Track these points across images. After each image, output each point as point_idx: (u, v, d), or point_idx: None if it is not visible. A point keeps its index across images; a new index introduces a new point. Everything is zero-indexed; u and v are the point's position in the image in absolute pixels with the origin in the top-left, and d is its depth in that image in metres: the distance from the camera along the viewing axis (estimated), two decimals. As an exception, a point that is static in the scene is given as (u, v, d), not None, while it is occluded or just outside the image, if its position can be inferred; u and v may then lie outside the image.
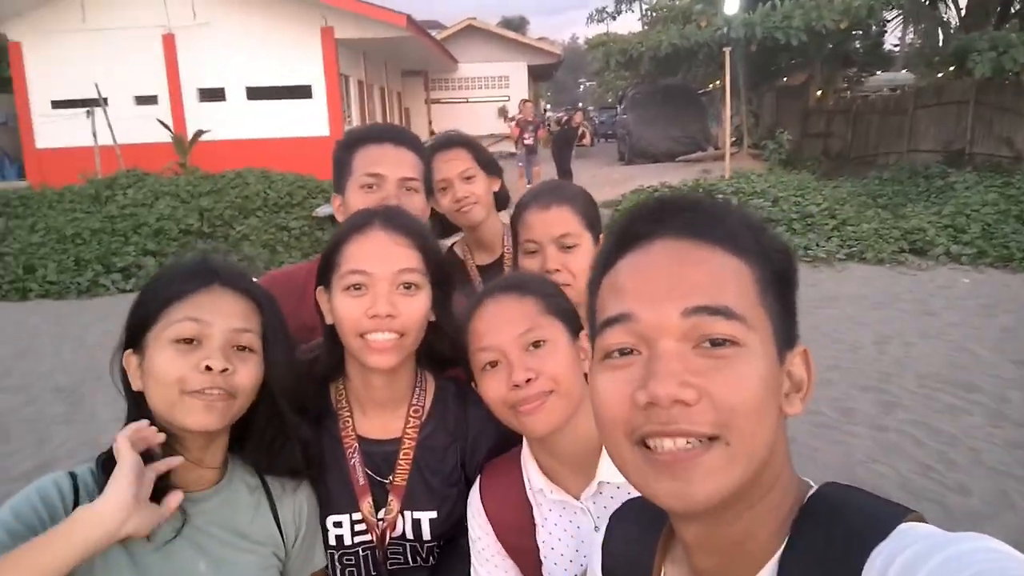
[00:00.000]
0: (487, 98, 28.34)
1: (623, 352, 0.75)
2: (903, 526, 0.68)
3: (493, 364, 1.32)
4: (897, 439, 4.78)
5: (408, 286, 1.41)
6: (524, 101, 17.19)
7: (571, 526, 1.37)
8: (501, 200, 2.40)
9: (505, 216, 2.44)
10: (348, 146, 1.88)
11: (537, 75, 34.42)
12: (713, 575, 0.79)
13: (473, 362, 1.36)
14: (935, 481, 4.20)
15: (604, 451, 1.32)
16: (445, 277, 1.50)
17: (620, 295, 0.77)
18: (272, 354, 1.31)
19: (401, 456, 1.50)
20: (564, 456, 1.35)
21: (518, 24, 49.26)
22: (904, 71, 25.51)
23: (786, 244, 0.80)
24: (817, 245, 10.80)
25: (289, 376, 1.34)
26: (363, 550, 1.49)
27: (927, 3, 19.36)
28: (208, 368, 1.21)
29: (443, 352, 1.52)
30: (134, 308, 1.28)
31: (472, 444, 1.55)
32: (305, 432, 1.39)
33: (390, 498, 1.48)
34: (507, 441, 1.52)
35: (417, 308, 1.42)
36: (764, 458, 0.72)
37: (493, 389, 1.32)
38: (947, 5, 19.79)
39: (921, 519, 0.70)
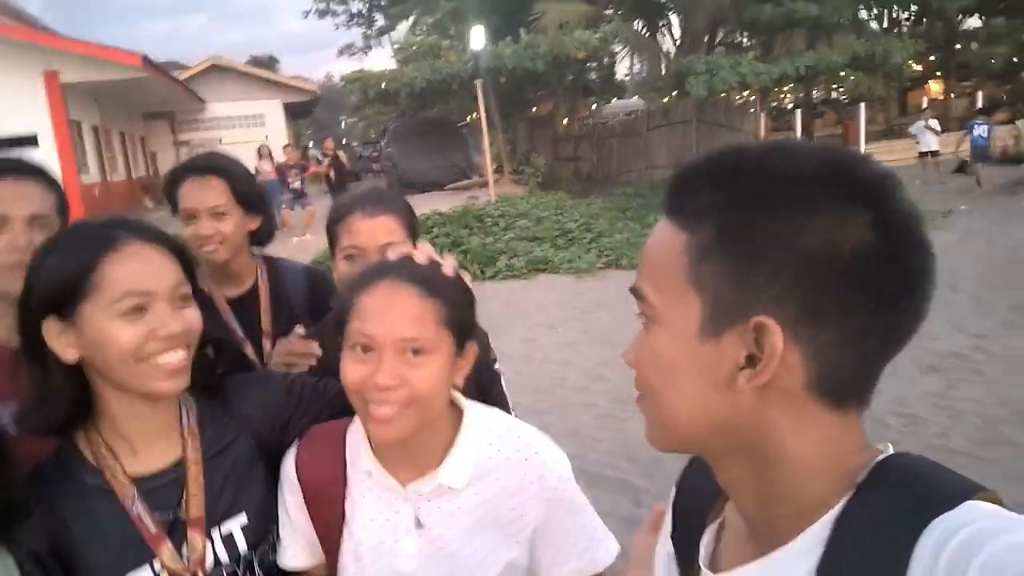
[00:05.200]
0: (243, 139, 27.12)
1: None
2: (970, 502, 0.63)
3: (365, 349, 1.22)
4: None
5: (185, 298, 1.31)
6: (285, 146, 16.82)
7: (388, 510, 1.34)
8: (262, 237, 2.21)
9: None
10: None
11: (295, 113, 33.62)
12: (760, 523, 0.78)
13: (348, 333, 1.25)
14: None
15: (454, 450, 1.31)
16: (197, 287, 1.40)
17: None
18: None
19: (190, 483, 1.35)
20: (407, 449, 1.30)
21: (268, 63, 47.87)
22: (635, 97, 28.24)
23: (746, 211, 0.69)
24: (579, 257, 11.65)
25: None
26: None
27: (647, 35, 21.64)
28: None
29: (199, 373, 1.39)
30: None
31: (262, 412, 1.47)
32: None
33: (190, 534, 1.33)
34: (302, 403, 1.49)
35: (198, 320, 1.32)
36: (690, 425, 0.74)
37: (353, 372, 1.22)
38: (664, 35, 22.29)
39: (996, 500, 0.65)
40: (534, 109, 24.99)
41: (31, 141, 16.50)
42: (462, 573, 1.32)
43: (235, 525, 1.38)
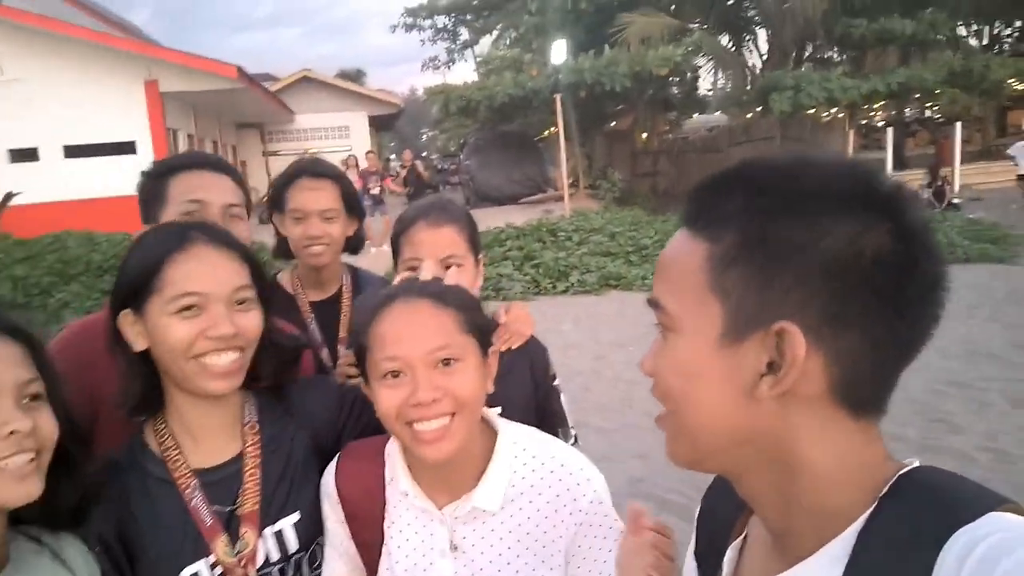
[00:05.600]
0: (328, 149, 27.94)
1: None
2: (994, 514, 0.64)
3: (395, 374, 1.22)
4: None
5: (243, 302, 1.35)
6: (368, 152, 17.23)
7: (424, 531, 1.34)
8: (356, 244, 2.28)
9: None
10: (160, 175, 1.78)
11: (379, 125, 34.41)
12: (784, 535, 0.78)
13: (371, 367, 1.25)
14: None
15: (488, 473, 1.30)
16: (268, 291, 1.44)
17: None
18: (56, 398, 1.19)
19: (247, 478, 1.40)
20: (443, 470, 1.30)
21: (355, 76, 49.21)
22: (718, 113, 27.79)
23: (773, 219, 0.70)
24: (653, 274, 11.48)
25: (70, 419, 1.23)
26: None
27: (732, 50, 21.28)
28: (12, 433, 1.09)
29: (267, 371, 1.45)
30: None
31: (321, 416, 1.52)
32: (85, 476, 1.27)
33: (243, 530, 1.36)
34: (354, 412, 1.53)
35: (256, 324, 1.37)
36: (712, 435, 0.75)
37: (389, 399, 1.22)
38: (750, 51, 21.87)
39: (1021, 512, 0.65)
40: (613, 123, 24.87)
41: (129, 147, 17.41)
42: None
43: (287, 523, 1.42)
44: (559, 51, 17.62)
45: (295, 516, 1.43)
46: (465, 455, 1.28)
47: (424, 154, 51.65)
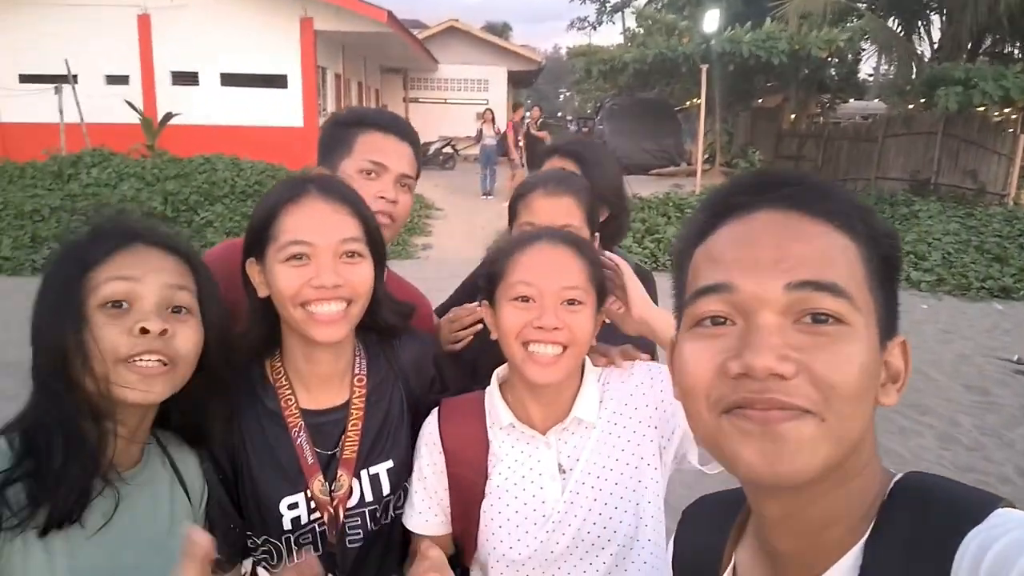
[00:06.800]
0: (465, 100, 28.24)
1: (716, 321, 0.72)
2: (999, 511, 0.65)
3: (525, 299, 1.37)
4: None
5: (351, 255, 1.38)
6: (516, 106, 17.12)
7: (531, 460, 1.44)
8: (612, 232, 2.12)
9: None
10: (351, 124, 1.82)
11: (517, 81, 34.36)
12: (792, 558, 0.76)
13: (503, 290, 1.40)
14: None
15: (582, 391, 1.45)
16: (381, 246, 1.47)
17: (718, 264, 0.73)
18: (208, 317, 1.24)
19: (349, 427, 1.48)
20: (543, 396, 1.43)
21: (501, 30, 49.23)
22: (876, 100, 26.00)
23: (893, 230, 0.76)
24: (782, 264, 10.98)
25: (224, 342, 1.29)
26: (319, 526, 1.45)
27: (901, 35, 19.77)
28: (144, 331, 1.12)
29: (384, 323, 1.51)
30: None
31: (414, 371, 1.58)
32: (225, 403, 1.35)
33: (339, 472, 1.45)
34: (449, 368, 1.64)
35: (363, 276, 1.40)
36: (855, 442, 0.70)
37: (514, 318, 1.37)
38: (920, 38, 20.23)
39: (1012, 506, 0.67)
40: (759, 101, 23.74)
41: (281, 81, 18.17)
42: (609, 509, 1.41)
43: (382, 469, 1.51)
44: (712, 20, 16.88)
45: (389, 463, 1.51)
46: (565, 388, 1.43)
47: (560, 114, 51.35)
